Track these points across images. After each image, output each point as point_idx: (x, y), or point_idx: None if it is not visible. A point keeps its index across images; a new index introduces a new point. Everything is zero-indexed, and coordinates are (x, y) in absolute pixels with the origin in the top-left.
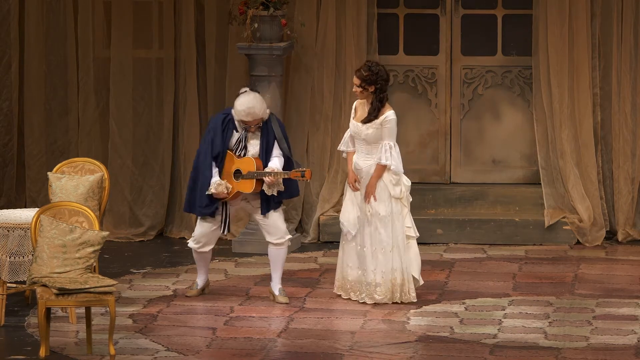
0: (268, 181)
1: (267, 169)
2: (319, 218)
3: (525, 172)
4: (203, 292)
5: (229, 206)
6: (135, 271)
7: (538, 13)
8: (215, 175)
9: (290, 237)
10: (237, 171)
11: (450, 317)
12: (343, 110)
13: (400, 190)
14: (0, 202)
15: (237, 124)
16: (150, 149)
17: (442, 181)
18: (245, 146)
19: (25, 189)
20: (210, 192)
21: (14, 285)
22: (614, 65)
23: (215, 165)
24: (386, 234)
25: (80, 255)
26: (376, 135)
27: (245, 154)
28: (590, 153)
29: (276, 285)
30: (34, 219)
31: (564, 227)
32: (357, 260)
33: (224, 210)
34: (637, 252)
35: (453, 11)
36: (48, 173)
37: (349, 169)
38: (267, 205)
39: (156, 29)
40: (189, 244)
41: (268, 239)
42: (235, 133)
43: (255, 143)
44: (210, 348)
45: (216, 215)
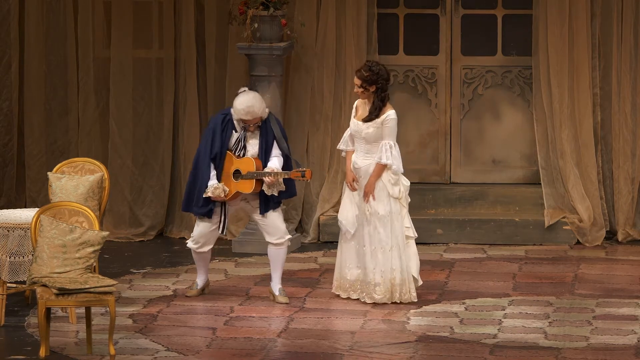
0: (268, 181)
1: (266, 169)
2: (319, 218)
3: (525, 172)
4: (203, 292)
5: (228, 206)
6: (135, 271)
7: (538, 13)
8: (213, 178)
9: (289, 237)
10: (237, 171)
11: (450, 317)
12: (343, 110)
13: (399, 190)
14: (0, 202)
15: (237, 124)
16: (150, 149)
17: (442, 181)
18: (244, 146)
19: (25, 189)
20: (208, 195)
21: (14, 285)
22: (614, 65)
23: (213, 167)
24: (385, 233)
25: (80, 255)
26: (376, 135)
27: (244, 154)
28: (590, 153)
29: (276, 285)
30: (34, 219)
31: (564, 227)
32: (357, 259)
33: (222, 210)
34: (637, 252)
35: (453, 11)
36: (48, 173)
37: (347, 168)
38: (266, 205)
39: (156, 29)
40: (187, 245)
41: (268, 239)
42: (235, 133)
43: (254, 143)
44: (210, 348)
45: (214, 215)
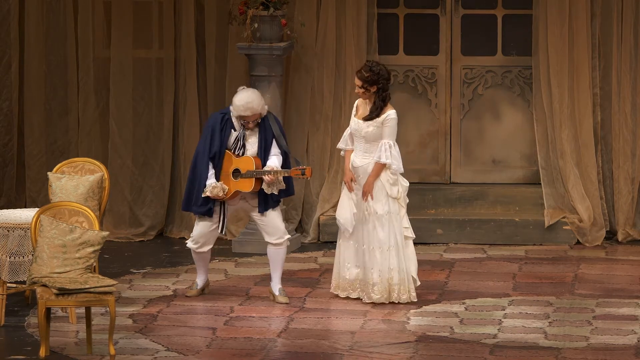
0: (267, 180)
1: (266, 168)
2: (319, 218)
3: (525, 172)
4: (203, 292)
5: (227, 206)
6: (135, 271)
7: (538, 13)
8: (211, 177)
9: (289, 237)
10: (236, 170)
11: (450, 317)
12: (343, 110)
13: (398, 190)
14: (0, 202)
15: (235, 122)
16: (150, 149)
17: (442, 181)
18: (243, 145)
19: (25, 189)
20: (206, 194)
21: (14, 285)
22: (614, 65)
23: (212, 166)
24: (383, 233)
25: (80, 255)
26: (376, 134)
27: (244, 153)
28: (590, 153)
29: (276, 285)
30: (34, 219)
31: (564, 227)
32: (356, 259)
33: (221, 210)
34: (637, 252)
35: (453, 11)
36: (48, 173)
37: (346, 167)
38: (266, 204)
39: (156, 29)
40: (187, 245)
41: (267, 239)
42: (234, 132)
43: (253, 142)
44: (210, 348)
45: (214, 215)
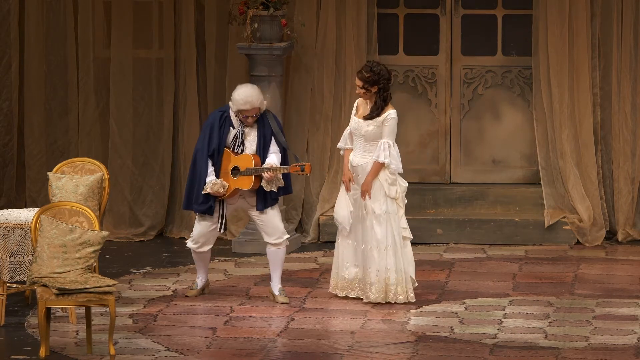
0: (267, 177)
1: (265, 165)
2: (319, 218)
3: (525, 172)
4: (203, 292)
5: (227, 204)
6: (135, 271)
7: (538, 13)
8: (211, 174)
9: (288, 237)
10: (235, 168)
11: (450, 317)
12: (343, 110)
13: (396, 190)
14: (0, 202)
15: (234, 120)
16: (150, 149)
17: (442, 181)
18: (242, 142)
19: (25, 189)
20: (207, 191)
21: (14, 285)
22: (614, 65)
23: (211, 163)
24: (381, 232)
25: (80, 255)
26: (376, 133)
27: (243, 151)
28: (590, 153)
29: (276, 285)
30: (34, 219)
31: (564, 227)
32: (354, 258)
33: (221, 208)
34: (637, 252)
35: (453, 11)
36: (48, 173)
37: (345, 167)
38: (264, 201)
39: (156, 29)
40: (187, 244)
41: (266, 239)
42: (232, 130)
43: (252, 139)
44: (210, 348)
45: (214, 214)
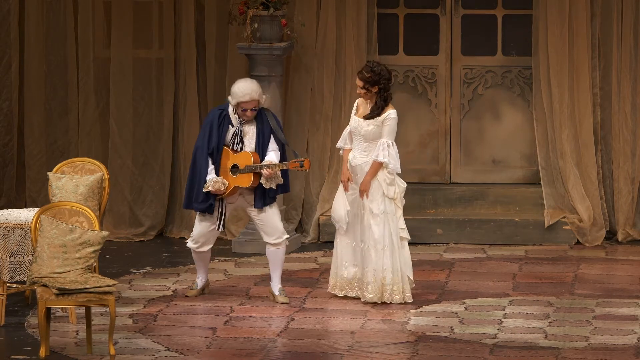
0: (266, 174)
1: (264, 162)
2: (319, 218)
3: (525, 172)
4: (203, 292)
5: (226, 203)
6: (135, 271)
7: (538, 13)
8: (211, 172)
9: (287, 237)
10: (234, 166)
11: (450, 317)
12: (343, 110)
13: (394, 191)
14: (0, 202)
15: (233, 117)
16: (150, 149)
17: (442, 181)
18: (241, 140)
19: (25, 189)
20: (208, 189)
21: (14, 285)
22: (614, 65)
23: (211, 161)
24: (379, 232)
25: (80, 255)
26: (376, 133)
27: (242, 149)
28: (590, 153)
29: (276, 285)
30: (34, 219)
31: (564, 227)
32: (353, 257)
33: (220, 207)
34: (637, 252)
35: (453, 11)
36: (48, 173)
37: (344, 166)
38: (262, 199)
39: (156, 29)
40: (187, 244)
41: (266, 239)
42: (231, 128)
43: (251, 137)
44: (210, 348)
45: (214, 213)
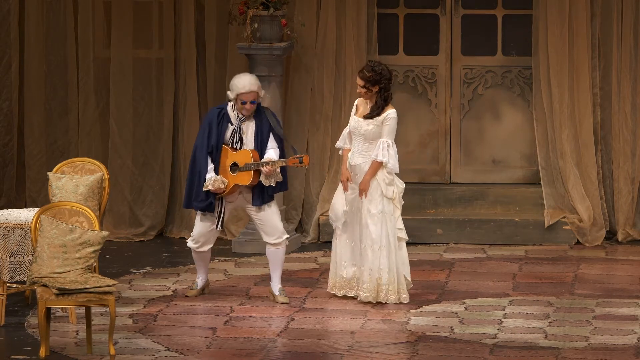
0: (265, 171)
1: (263, 160)
2: (319, 218)
3: (525, 172)
4: (203, 292)
5: (226, 202)
6: (135, 271)
7: (538, 13)
8: (211, 171)
9: (287, 237)
10: (234, 164)
11: (450, 317)
12: (343, 110)
13: (393, 191)
14: (0, 202)
15: (232, 116)
16: (150, 149)
17: (442, 181)
18: (240, 138)
19: (25, 189)
20: (207, 188)
21: (14, 285)
22: (614, 65)
23: (211, 160)
24: (376, 232)
25: (80, 255)
26: (375, 132)
27: (241, 147)
28: (590, 153)
29: (276, 285)
30: (34, 219)
31: (564, 227)
32: (352, 257)
33: (220, 206)
34: (637, 252)
35: (453, 11)
36: (48, 173)
37: (343, 166)
38: (260, 197)
39: (156, 29)
40: (187, 244)
41: (265, 239)
42: (230, 126)
43: (250, 135)
44: (210, 348)
45: (214, 212)
